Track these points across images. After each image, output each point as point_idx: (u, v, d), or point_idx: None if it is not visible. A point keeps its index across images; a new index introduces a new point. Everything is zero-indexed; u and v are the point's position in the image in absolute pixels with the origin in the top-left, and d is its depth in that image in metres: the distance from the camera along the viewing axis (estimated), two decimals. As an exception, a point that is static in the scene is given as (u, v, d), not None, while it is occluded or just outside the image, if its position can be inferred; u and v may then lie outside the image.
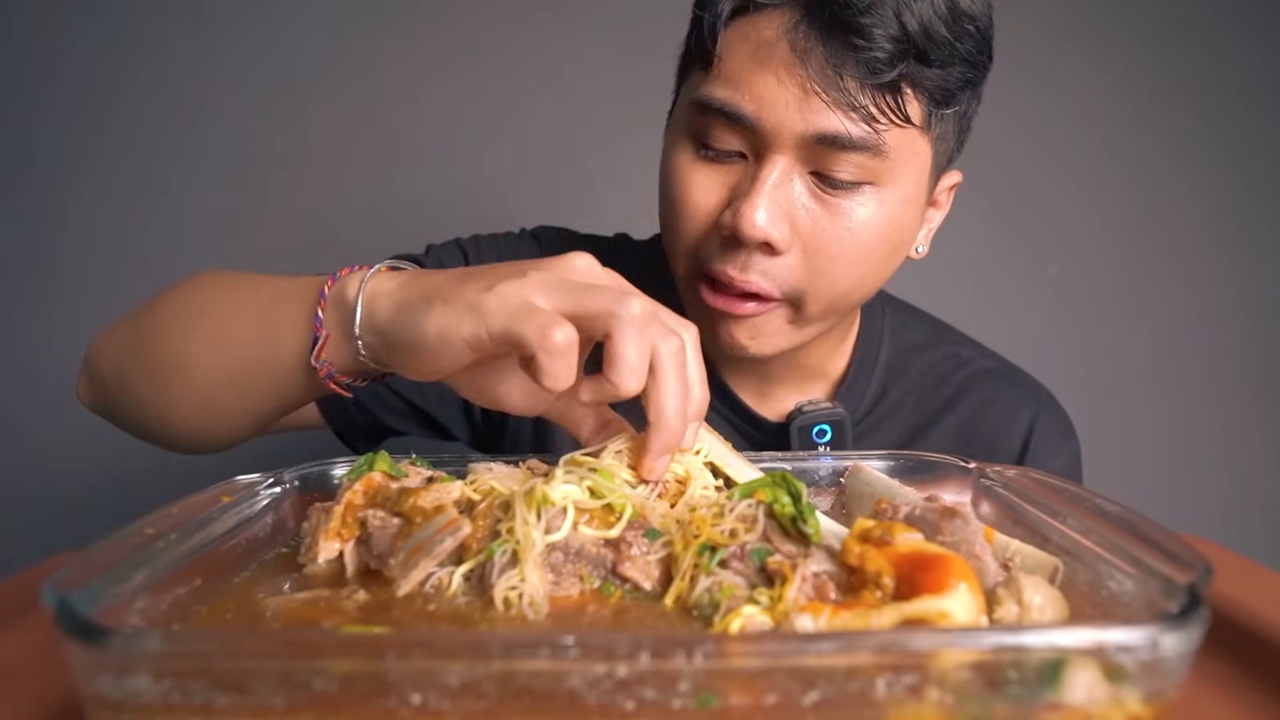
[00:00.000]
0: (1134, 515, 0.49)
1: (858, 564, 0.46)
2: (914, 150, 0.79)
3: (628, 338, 0.54)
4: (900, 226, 0.81)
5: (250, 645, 0.37)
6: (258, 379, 0.73)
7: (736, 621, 0.44)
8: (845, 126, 0.74)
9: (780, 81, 0.74)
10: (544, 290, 0.56)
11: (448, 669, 0.35)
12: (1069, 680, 0.36)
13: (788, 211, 0.77)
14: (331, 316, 0.67)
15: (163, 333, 0.77)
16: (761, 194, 0.75)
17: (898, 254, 0.84)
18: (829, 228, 0.78)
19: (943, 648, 0.35)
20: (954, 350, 1.03)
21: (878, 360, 0.99)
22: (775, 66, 0.75)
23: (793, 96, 0.74)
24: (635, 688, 0.35)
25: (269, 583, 0.55)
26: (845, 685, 0.35)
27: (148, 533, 0.49)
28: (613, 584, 0.52)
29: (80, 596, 0.40)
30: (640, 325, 0.54)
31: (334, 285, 0.67)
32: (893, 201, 0.79)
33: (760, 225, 0.75)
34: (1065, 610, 0.46)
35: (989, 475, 0.64)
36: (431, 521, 0.53)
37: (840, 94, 0.73)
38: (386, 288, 0.64)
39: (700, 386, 0.59)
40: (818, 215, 0.78)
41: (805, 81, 0.74)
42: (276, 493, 0.62)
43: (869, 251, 0.80)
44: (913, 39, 0.73)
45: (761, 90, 0.75)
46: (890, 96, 0.74)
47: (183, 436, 0.81)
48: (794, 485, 0.53)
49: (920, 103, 0.77)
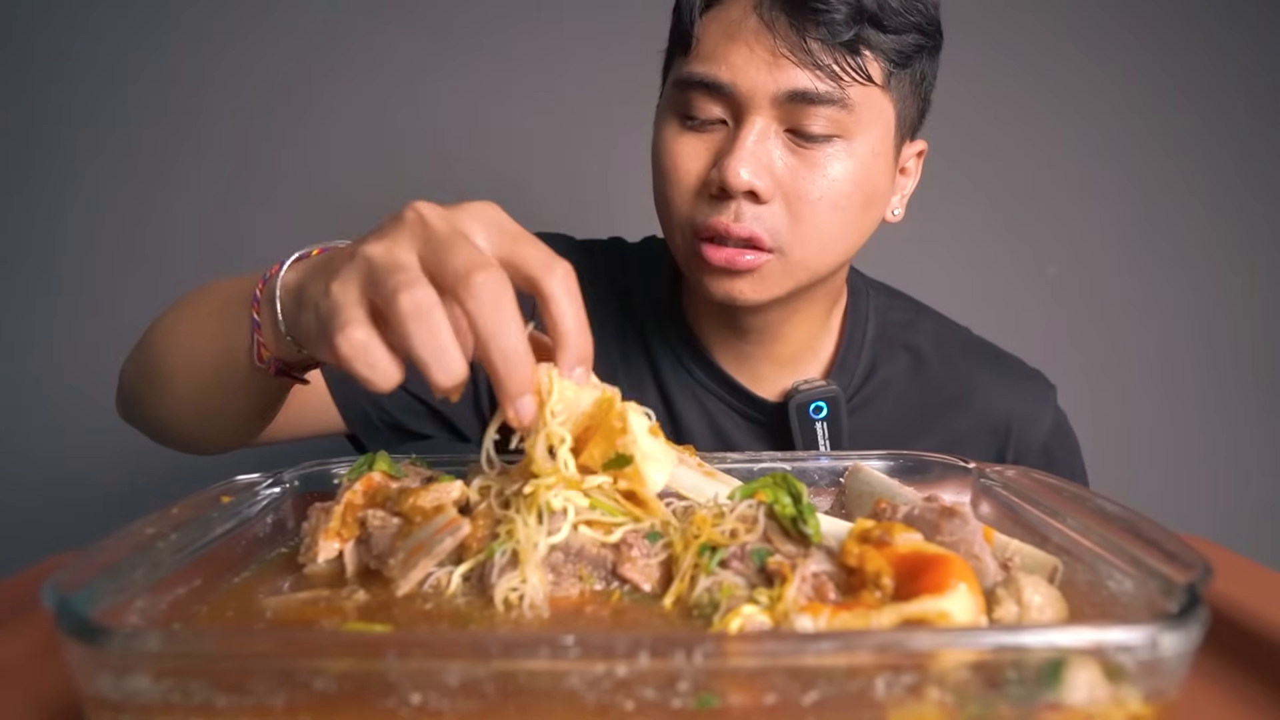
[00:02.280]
0: (1133, 515, 0.49)
1: (857, 564, 0.46)
2: (877, 107, 0.87)
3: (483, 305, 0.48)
4: (871, 175, 0.88)
5: (250, 645, 0.37)
6: (228, 384, 0.75)
7: (736, 621, 0.44)
8: (813, 83, 0.83)
9: (751, 49, 0.83)
10: (359, 282, 0.51)
11: (447, 669, 0.35)
12: (1069, 680, 0.36)
13: (768, 165, 0.85)
14: (265, 316, 0.66)
15: (152, 349, 0.82)
16: (743, 148, 0.83)
17: (872, 207, 0.91)
18: (807, 176, 0.85)
19: (942, 648, 0.35)
20: (935, 330, 1.10)
21: (865, 337, 1.06)
22: (746, 37, 0.84)
23: (763, 61, 0.83)
24: (635, 687, 0.35)
25: (269, 583, 0.55)
26: (845, 685, 0.35)
27: (148, 533, 0.49)
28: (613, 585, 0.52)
29: (80, 596, 0.40)
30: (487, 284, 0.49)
31: (264, 284, 0.66)
32: (863, 153, 0.87)
33: (744, 176, 0.83)
34: (1065, 610, 0.46)
35: (988, 475, 0.64)
36: (431, 521, 0.53)
37: (806, 55, 0.82)
38: (289, 281, 0.63)
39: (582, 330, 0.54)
40: (795, 167, 0.85)
41: (774, 46, 0.82)
42: (276, 493, 0.62)
43: (845, 199, 0.87)
44: (865, 6, 0.83)
45: (735, 59, 0.84)
46: (851, 57, 0.83)
47: (192, 440, 0.87)
48: (794, 486, 0.53)
49: (879, 64, 0.86)
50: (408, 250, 0.51)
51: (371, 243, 0.52)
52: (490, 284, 0.48)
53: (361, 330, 0.50)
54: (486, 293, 0.48)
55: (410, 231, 0.52)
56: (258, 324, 0.67)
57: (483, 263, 0.49)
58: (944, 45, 0.91)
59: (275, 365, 0.68)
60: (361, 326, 0.50)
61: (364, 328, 0.50)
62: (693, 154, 0.88)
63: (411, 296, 0.48)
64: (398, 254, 0.51)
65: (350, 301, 0.51)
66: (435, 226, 0.52)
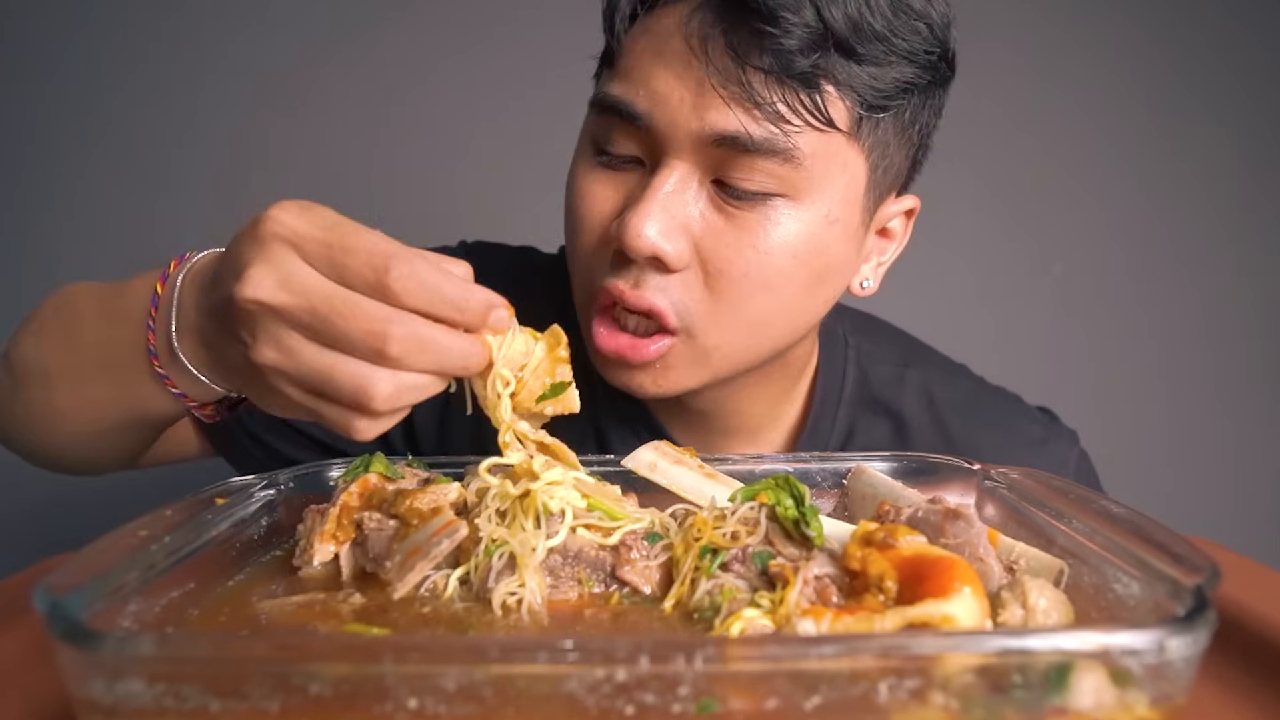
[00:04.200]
0: (1140, 517, 0.49)
1: (860, 567, 0.46)
2: (839, 161, 0.70)
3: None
4: (821, 250, 0.71)
5: (245, 649, 0.37)
6: (125, 430, 0.72)
7: (737, 625, 0.44)
8: (744, 126, 0.66)
9: (678, 75, 0.68)
10: (282, 380, 0.53)
11: (445, 673, 0.35)
12: (1075, 684, 0.36)
13: (684, 224, 0.69)
14: (181, 380, 0.64)
15: (26, 386, 0.73)
16: (651, 202, 0.68)
17: (825, 285, 0.75)
18: (733, 244, 0.69)
19: (946, 651, 0.35)
20: (926, 383, 0.94)
21: (841, 398, 0.91)
22: (672, 59, 0.68)
23: (689, 91, 0.67)
24: (635, 692, 0.35)
25: (263, 586, 0.55)
26: (848, 689, 0.35)
27: (141, 535, 0.49)
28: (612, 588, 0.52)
29: (72, 599, 0.40)
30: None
31: (156, 344, 0.63)
32: (812, 220, 0.70)
33: (649, 237, 0.67)
34: (1070, 613, 0.46)
35: (993, 477, 0.64)
36: (428, 523, 0.53)
37: (741, 89, 0.66)
38: (194, 345, 0.61)
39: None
40: (720, 230, 0.69)
41: (704, 75, 0.67)
42: (271, 494, 0.62)
43: (782, 277, 0.71)
44: (833, 30, 0.65)
45: (656, 85, 0.68)
46: (805, 94, 0.66)
47: (64, 467, 0.80)
48: (797, 488, 0.53)
49: (847, 105, 0.69)
50: (321, 288, 0.51)
51: (266, 290, 0.51)
52: (404, 277, 0.50)
53: (388, 382, 0.51)
54: (409, 284, 0.50)
55: (294, 264, 0.52)
56: (182, 396, 0.64)
57: (386, 258, 0.50)
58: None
59: (215, 413, 0.68)
60: (384, 380, 0.51)
61: (386, 380, 0.51)
62: (602, 197, 0.73)
63: (396, 340, 0.50)
64: (319, 299, 0.51)
65: (347, 372, 0.51)
66: (309, 242, 0.52)
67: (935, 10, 0.71)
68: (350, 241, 0.51)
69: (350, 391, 0.51)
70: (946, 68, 0.74)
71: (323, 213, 0.54)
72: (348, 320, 0.50)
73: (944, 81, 0.75)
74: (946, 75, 0.75)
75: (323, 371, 0.52)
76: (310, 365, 0.52)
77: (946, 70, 0.74)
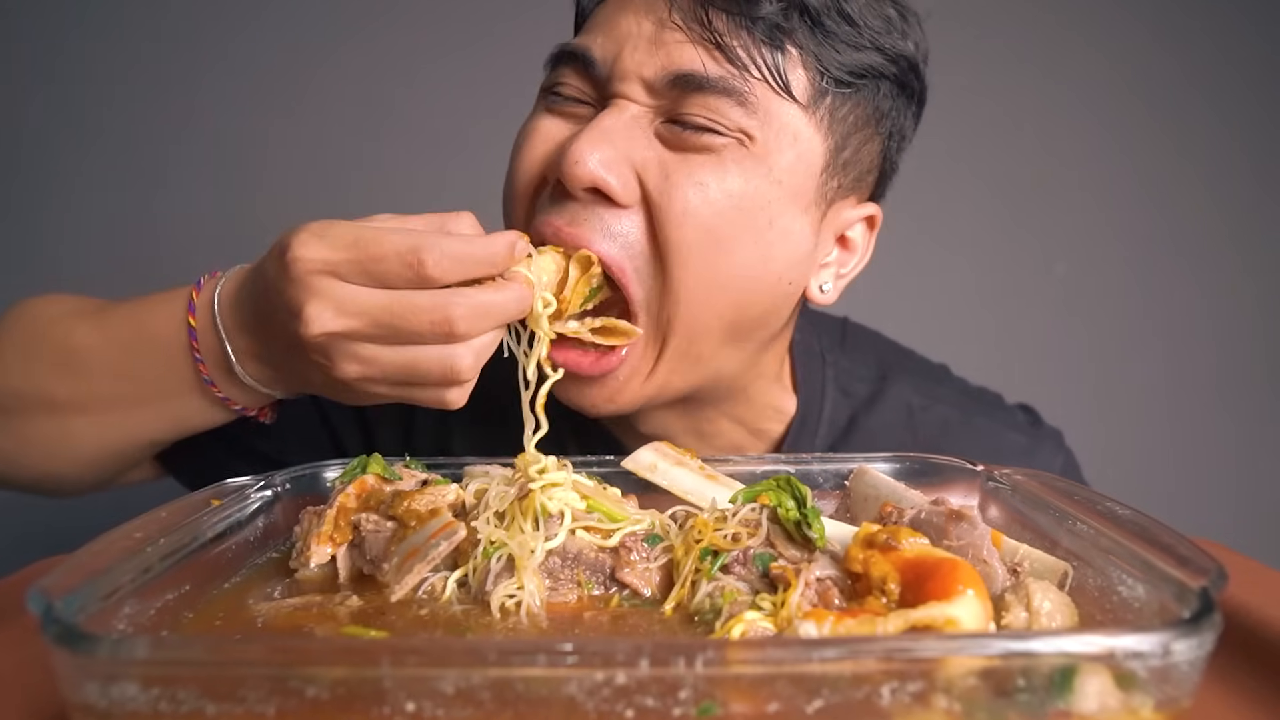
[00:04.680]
0: (1145, 519, 0.49)
1: (862, 569, 0.46)
2: (790, 130, 0.69)
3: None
4: (763, 203, 0.69)
5: (240, 652, 0.37)
6: (146, 450, 0.76)
7: (738, 627, 0.44)
8: (703, 63, 0.66)
9: (638, 20, 0.69)
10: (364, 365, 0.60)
11: (443, 676, 0.35)
12: (1079, 688, 0.36)
13: (628, 157, 0.67)
14: (237, 395, 0.70)
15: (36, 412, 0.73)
16: (596, 129, 0.66)
17: (770, 246, 0.70)
18: (679, 181, 0.67)
19: (949, 654, 0.35)
20: (906, 398, 0.92)
21: (820, 419, 0.89)
22: (636, 6, 0.69)
23: (647, 33, 0.68)
24: (634, 695, 0.35)
25: (259, 588, 0.55)
26: (850, 693, 0.35)
27: (136, 537, 0.49)
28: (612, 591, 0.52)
29: (66, 602, 0.40)
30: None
31: (209, 369, 0.68)
32: (756, 172, 0.68)
33: (588, 164, 0.64)
34: (1075, 616, 0.46)
35: (997, 478, 0.64)
36: (426, 525, 0.53)
37: (703, 29, 0.66)
38: (258, 368, 0.67)
39: None
40: (669, 164, 0.67)
41: (665, 16, 0.67)
42: (267, 496, 0.62)
43: (725, 221, 0.67)
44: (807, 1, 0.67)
45: (617, 30, 0.69)
46: (769, 50, 0.66)
47: (39, 489, 0.80)
48: (799, 489, 0.53)
49: (808, 75, 0.68)
50: (376, 301, 0.57)
51: (327, 322, 0.57)
52: (438, 262, 0.56)
53: (467, 355, 0.58)
54: (445, 265, 0.56)
55: (341, 289, 0.57)
56: (243, 410, 0.71)
57: (415, 253, 0.56)
58: (947, 35, 0.77)
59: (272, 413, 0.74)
60: (463, 354, 0.58)
61: (465, 353, 0.58)
62: (545, 135, 0.71)
63: (460, 319, 0.56)
64: (378, 311, 0.57)
65: (430, 359, 0.58)
66: (344, 270, 0.57)
67: (913, 33, 0.73)
68: (375, 251, 0.56)
69: (439, 374, 0.59)
70: (915, 81, 0.74)
71: (338, 231, 0.58)
72: (410, 319, 0.57)
73: (911, 94, 0.75)
74: (915, 89, 0.75)
75: (407, 367, 0.58)
76: (394, 365, 0.59)
77: (915, 83, 0.74)
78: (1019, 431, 0.95)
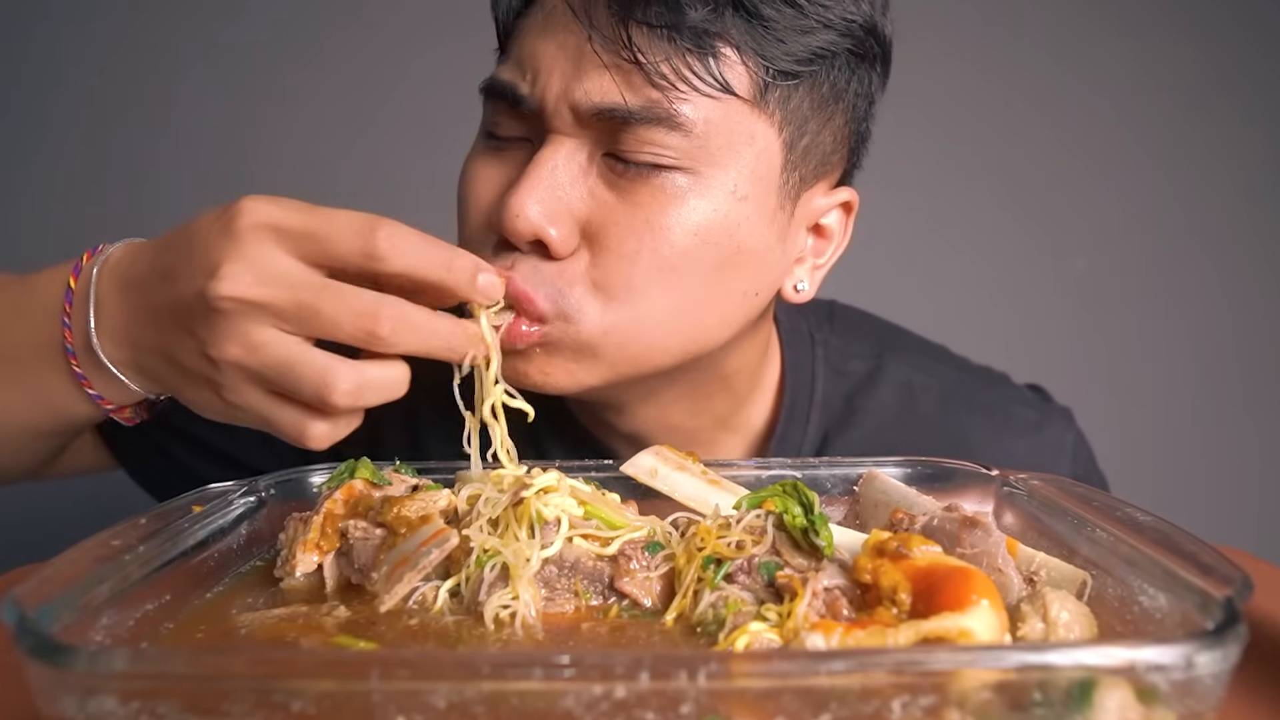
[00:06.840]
0: (1166, 525, 0.49)
1: (872, 579, 0.46)
2: (743, 132, 0.67)
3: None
4: (730, 229, 0.67)
5: (223, 664, 0.37)
6: (35, 440, 0.72)
7: (743, 639, 0.44)
8: (621, 95, 0.63)
9: (559, 45, 0.65)
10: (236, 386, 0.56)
11: (434, 689, 0.35)
12: (1098, 702, 0.36)
13: (568, 204, 0.66)
14: (106, 388, 0.65)
15: None
16: (533, 179, 0.65)
17: (740, 273, 0.70)
18: (624, 221, 0.65)
19: (963, 667, 0.35)
20: (906, 376, 0.90)
21: (812, 402, 0.86)
22: (556, 29, 0.66)
23: (569, 62, 0.65)
24: (634, 710, 0.35)
25: (243, 598, 0.55)
26: (859, 707, 0.35)
27: (114, 544, 0.49)
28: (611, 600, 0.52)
29: (42, 613, 0.40)
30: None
31: (75, 343, 0.63)
32: (716, 195, 0.66)
33: (529, 218, 0.64)
34: (1094, 627, 0.46)
35: (1012, 483, 0.64)
36: (417, 532, 0.53)
37: (623, 48, 0.62)
38: (121, 350, 0.62)
39: None
40: (610, 206, 0.66)
41: (583, 41, 0.64)
42: (251, 502, 0.62)
43: (685, 258, 0.66)
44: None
45: (539, 61, 0.66)
46: (697, 56, 0.63)
47: None
48: (805, 495, 0.53)
49: (749, 69, 0.66)
50: (307, 279, 0.54)
51: (244, 286, 0.53)
52: (391, 235, 0.54)
53: (350, 377, 0.55)
54: (397, 242, 0.54)
55: (276, 257, 0.55)
56: (99, 398, 0.65)
57: (370, 221, 0.54)
58: (961, 22, 0.77)
59: (134, 415, 0.68)
60: (347, 374, 0.54)
61: (350, 374, 0.54)
62: (486, 179, 0.70)
63: (387, 319, 0.54)
64: (305, 289, 0.54)
65: (311, 364, 0.54)
66: (288, 230, 0.55)
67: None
68: (330, 216, 0.54)
69: (312, 384, 0.54)
70: (875, 44, 0.71)
71: (295, 201, 0.56)
72: (335, 304, 0.53)
73: (873, 59, 0.72)
74: (875, 52, 0.72)
75: (288, 364, 0.54)
76: (278, 358, 0.54)
77: (875, 46, 0.71)
78: (1028, 406, 0.93)
